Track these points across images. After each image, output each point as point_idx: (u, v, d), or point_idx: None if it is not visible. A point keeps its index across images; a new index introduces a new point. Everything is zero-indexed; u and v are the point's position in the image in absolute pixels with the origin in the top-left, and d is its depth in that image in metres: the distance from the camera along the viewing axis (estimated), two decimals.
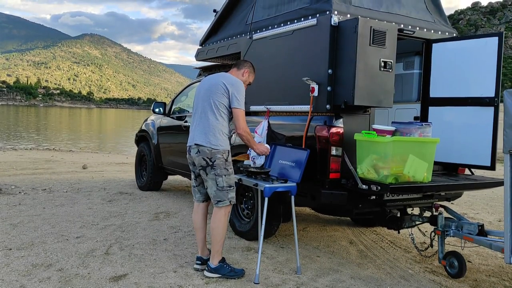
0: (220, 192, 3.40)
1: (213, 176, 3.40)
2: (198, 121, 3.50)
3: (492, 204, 7.04)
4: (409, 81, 4.72)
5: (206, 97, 3.48)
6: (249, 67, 3.70)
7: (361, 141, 3.61)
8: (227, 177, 3.42)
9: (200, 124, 3.47)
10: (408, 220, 4.14)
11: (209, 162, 3.38)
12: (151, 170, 6.89)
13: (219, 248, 3.45)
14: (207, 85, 3.54)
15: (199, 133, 3.44)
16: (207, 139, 3.39)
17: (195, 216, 3.66)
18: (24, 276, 3.33)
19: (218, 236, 3.42)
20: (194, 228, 3.67)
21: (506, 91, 3.00)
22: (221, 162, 3.39)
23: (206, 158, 3.38)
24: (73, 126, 39.77)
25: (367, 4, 4.08)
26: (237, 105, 3.41)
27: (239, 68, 3.68)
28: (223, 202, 3.41)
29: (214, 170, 3.38)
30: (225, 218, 3.44)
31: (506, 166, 2.97)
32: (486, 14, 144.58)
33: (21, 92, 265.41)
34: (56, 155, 13.11)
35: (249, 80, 3.72)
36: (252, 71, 3.73)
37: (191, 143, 3.49)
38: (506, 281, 3.72)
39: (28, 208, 5.55)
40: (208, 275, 3.42)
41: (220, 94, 3.42)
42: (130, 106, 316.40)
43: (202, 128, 3.44)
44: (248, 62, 3.78)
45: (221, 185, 3.40)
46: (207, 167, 3.40)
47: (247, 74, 3.67)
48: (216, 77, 3.55)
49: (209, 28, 5.93)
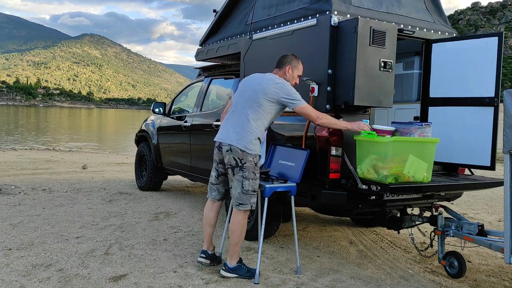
0: (244, 195, 3.37)
1: (240, 178, 3.36)
2: (235, 119, 3.43)
3: (492, 204, 7.04)
4: (409, 81, 4.72)
5: (250, 98, 3.40)
6: (290, 62, 3.57)
7: (361, 141, 3.61)
8: (253, 182, 3.39)
9: (237, 124, 3.40)
10: (408, 220, 4.14)
11: (239, 163, 3.35)
12: (151, 170, 6.88)
13: (237, 250, 3.44)
14: (255, 86, 3.45)
15: (235, 133, 3.38)
16: (242, 141, 3.33)
17: (208, 213, 3.64)
18: (24, 276, 3.33)
19: (236, 238, 3.41)
20: (204, 223, 3.66)
21: (506, 91, 3.00)
22: (251, 165, 3.36)
23: (237, 158, 3.34)
24: (73, 126, 39.75)
25: (367, 4, 4.08)
26: (296, 103, 3.35)
27: (281, 67, 3.59)
28: (245, 205, 3.38)
29: (242, 172, 3.35)
30: (244, 221, 3.43)
31: (506, 166, 2.97)
32: (486, 14, 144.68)
33: (21, 92, 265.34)
34: (55, 155, 13.11)
35: (297, 74, 3.60)
36: (296, 63, 3.58)
37: (224, 141, 3.42)
38: (506, 281, 3.72)
39: (28, 208, 5.55)
40: (225, 275, 3.42)
41: (264, 98, 3.36)
42: (130, 106, 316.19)
43: (239, 129, 3.37)
44: (289, 56, 3.61)
45: (247, 188, 3.37)
46: (235, 167, 3.36)
47: (290, 71, 3.57)
48: (265, 80, 3.46)
49: (209, 28, 5.93)
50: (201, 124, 5.62)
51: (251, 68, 4.59)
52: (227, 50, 5.36)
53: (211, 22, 5.86)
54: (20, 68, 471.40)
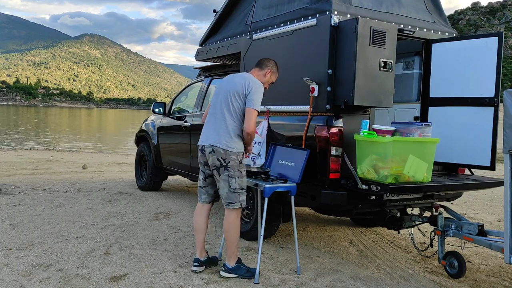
0: (232, 194, 3.38)
1: (226, 177, 3.37)
2: (214, 121, 3.47)
3: (492, 204, 7.04)
4: (409, 81, 4.72)
5: (225, 98, 3.44)
6: (271, 67, 3.64)
7: (361, 141, 3.61)
8: (240, 179, 3.40)
9: (216, 125, 3.44)
10: (408, 220, 4.14)
11: (223, 163, 3.36)
12: (151, 170, 6.89)
13: (235, 250, 3.44)
14: (228, 86, 3.50)
15: (215, 134, 3.41)
16: (223, 141, 3.36)
17: (197, 218, 3.62)
18: (24, 276, 3.33)
19: (232, 238, 3.41)
20: (195, 229, 3.63)
21: (506, 91, 3.01)
22: (235, 164, 3.37)
23: (221, 158, 3.36)
24: (73, 126, 39.75)
25: (367, 4, 4.08)
26: (251, 105, 3.36)
27: (262, 68, 3.63)
28: (234, 204, 3.40)
29: (227, 171, 3.36)
30: (237, 220, 3.43)
31: (506, 166, 2.97)
32: (486, 14, 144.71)
33: (20, 92, 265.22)
34: (55, 155, 13.11)
35: (272, 80, 3.67)
36: (275, 70, 3.67)
37: (205, 143, 3.45)
38: (506, 281, 3.72)
39: (28, 208, 5.55)
40: (225, 275, 3.42)
41: (238, 97, 3.39)
42: (130, 106, 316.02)
43: (219, 129, 3.41)
44: (272, 61, 3.69)
45: (234, 186, 3.38)
46: (220, 168, 3.37)
47: (269, 75, 3.62)
48: (238, 78, 3.51)
49: (209, 28, 5.93)
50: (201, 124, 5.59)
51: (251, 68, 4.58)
52: (227, 50, 5.36)
53: (211, 22, 5.86)
54: (20, 68, 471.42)
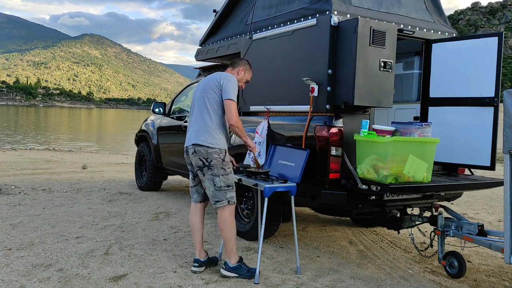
0: (218, 192, 3.39)
1: (210, 177, 3.39)
2: (194, 121, 3.50)
3: (492, 204, 7.04)
4: (409, 81, 4.72)
5: (201, 97, 3.48)
6: (244, 65, 3.66)
7: (361, 141, 3.61)
8: (224, 177, 3.40)
9: (195, 124, 3.47)
10: (408, 220, 4.14)
11: (206, 162, 3.37)
12: (151, 170, 6.89)
13: (233, 247, 3.44)
14: (202, 86, 3.55)
15: (195, 133, 3.44)
16: (203, 138, 3.38)
17: (192, 218, 3.63)
18: (24, 276, 3.33)
19: (227, 235, 3.41)
20: (192, 229, 3.64)
21: (506, 91, 3.00)
22: (218, 162, 3.38)
23: (203, 158, 3.38)
24: (73, 126, 39.75)
25: (367, 4, 4.08)
26: (226, 96, 3.37)
27: (234, 66, 3.66)
28: (221, 202, 3.40)
29: (211, 170, 3.37)
30: (231, 217, 3.42)
31: (506, 166, 2.97)
32: (485, 14, 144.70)
33: (20, 92, 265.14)
34: (55, 155, 13.11)
35: (246, 78, 3.69)
36: (248, 68, 3.69)
37: (188, 144, 3.50)
38: (506, 281, 3.72)
39: (28, 208, 5.55)
40: (225, 274, 3.42)
41: (213, 91, 3.42)
42: (130, 106, 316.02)
43: (198, 127, 3.43)
44: (243, 60, 3.75)
45: (219, 185, 3.38)
46: (203, 168, 3.39)
47: (242, 72, 3.64)
48: (210, 77, 3.55)
49: (209, 28, 5.93)
50: None
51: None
52: (227, 50, 5.36)
53: (211, 22, 5.87)
54: (20, 68, 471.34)
